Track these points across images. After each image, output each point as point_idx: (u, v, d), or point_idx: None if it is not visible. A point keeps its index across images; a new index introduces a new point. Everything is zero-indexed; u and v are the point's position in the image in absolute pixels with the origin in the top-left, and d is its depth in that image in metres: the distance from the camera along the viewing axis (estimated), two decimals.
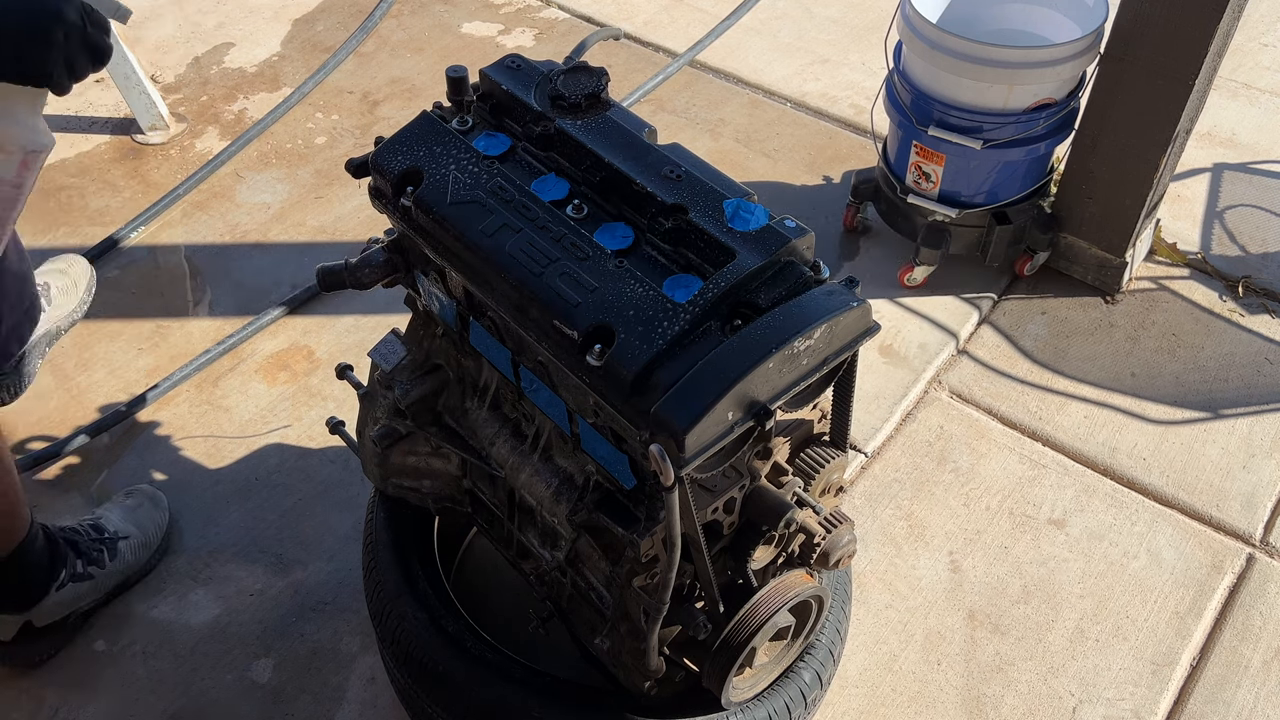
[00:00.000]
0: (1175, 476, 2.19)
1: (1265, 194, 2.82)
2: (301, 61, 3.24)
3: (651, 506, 1.32)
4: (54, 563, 1.86)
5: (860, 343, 1.25)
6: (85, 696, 1.86)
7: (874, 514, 2.13)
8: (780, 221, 1.26)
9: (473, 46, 3.32)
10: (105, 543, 1.95)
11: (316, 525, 2.09)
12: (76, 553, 1.90)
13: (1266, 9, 3.48)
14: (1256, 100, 3.12)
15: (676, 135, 2.94)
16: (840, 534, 1.43)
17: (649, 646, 1.37)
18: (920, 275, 2.52)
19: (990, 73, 2.20)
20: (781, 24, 3.41)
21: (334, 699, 1.85)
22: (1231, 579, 2.03)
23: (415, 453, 1.67)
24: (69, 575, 1.88)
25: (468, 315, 1.46)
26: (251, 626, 1.95)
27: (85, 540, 1.93)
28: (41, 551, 1.84)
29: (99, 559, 1.93)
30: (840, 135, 2.99)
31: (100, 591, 1.94)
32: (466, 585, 1.94)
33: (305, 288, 2.55)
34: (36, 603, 1.85)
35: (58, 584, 1.86)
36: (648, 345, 1.17)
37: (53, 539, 1.88)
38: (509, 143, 1.40)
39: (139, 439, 2.25)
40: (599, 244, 1.27)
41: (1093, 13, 2.31)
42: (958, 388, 2.36)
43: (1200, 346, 2.44)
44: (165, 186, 2.83)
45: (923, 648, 1.93)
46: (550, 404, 1.40)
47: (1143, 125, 2.28)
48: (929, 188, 2.44)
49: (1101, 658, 1.92)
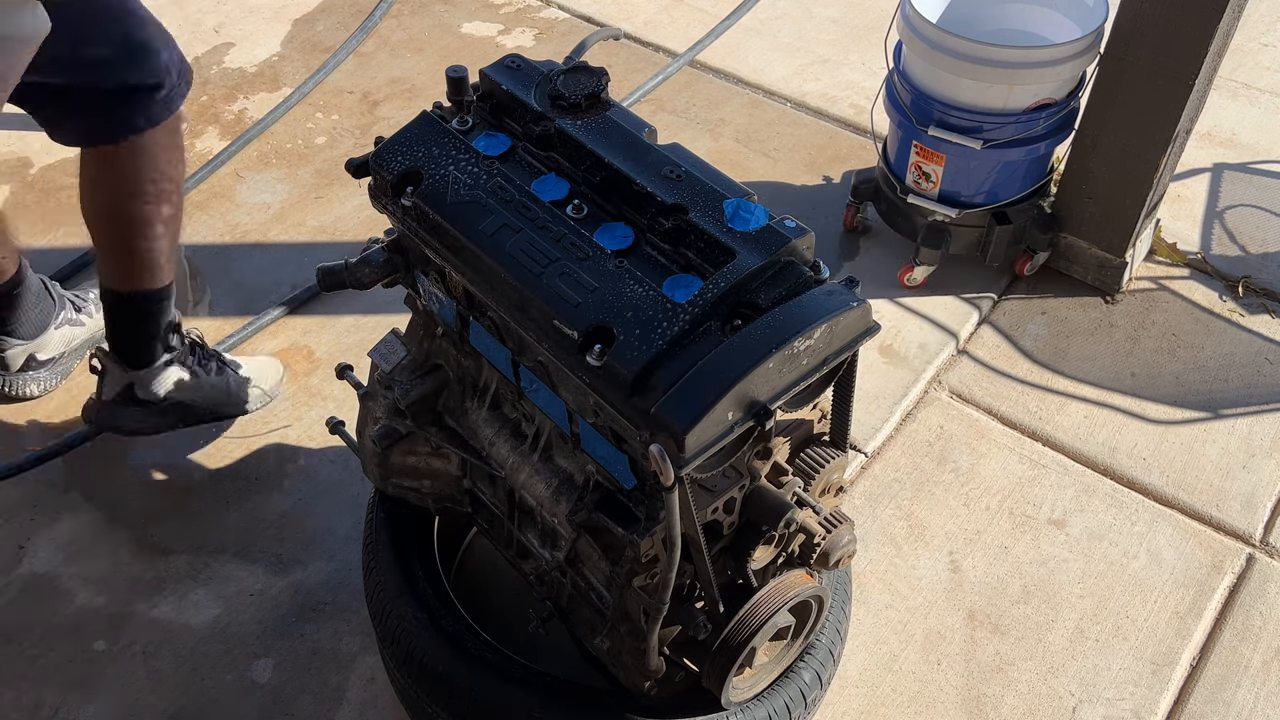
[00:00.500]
0: (1175, 476, 2.19)
1: (1265, 194, 2.82)
2: (301, 61, 3.24)
3: (651, 506, 1.32)
4: (167, 337, 2.02)
5: (860, 343, 1.26)
6: (85, 696, 1.86)
7: (874, 514, 2.13)
8: (780, 221, 1.26)
9: (473, 46, 3.32)
10: (217, 358, 2.15)
11: (316, 525, 2.09)
12: (192, 351, 2.09)
13: (1266, 9, 3.48)
14: (1256, 100, 3.12)
15: (676, 135, 2.94)
16: (840, 534, 1.43)
17: (649, 646, 1.37)
18: (920, 275, 2.53)
19: (990, 73, 2.20)
20: (781, 24, 3.41)
21: (334, 699, 1.85)
22: (1231, 579, 2.03)
23: (415, 453, 1.67)
24: (178, 356, 2.05)
25: (468, 315, 1.46)
26: (251, 626, 1.95)
27: (201, 352, 2.12)
28: (174, 320, 2.03)
29: (207, 367, 2.11)
30: (840, 135, 2.99)
31: (198, 396, 2.09)
32: (466, 585, 1.94)
33: (305, 288, 2.55)
34: (147, 365, 2.01)
35: (166, 360, 2.03)
36: (648, 345, 1.17)
37: (178, 325, 2.05)
38: (509, 143, 1.40)
39: (139, 439, 2.25)
40: (599, 244, 1.27)
41: (1093, 13, 2.31)
42: (958, 388, 2.36)
43: (1200, 346, 2.44)
44: None
45: (923, 648, 1.93)
46: (550, 404, 1.41)
47: (1143, 125, 2.28)
48: (929, 188, 2.44)
49: (1101, 658, 1.92)
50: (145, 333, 1.98)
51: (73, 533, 2.09)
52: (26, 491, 2.16)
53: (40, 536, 2.08)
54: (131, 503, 2.14)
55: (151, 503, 2.14)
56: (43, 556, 2.06)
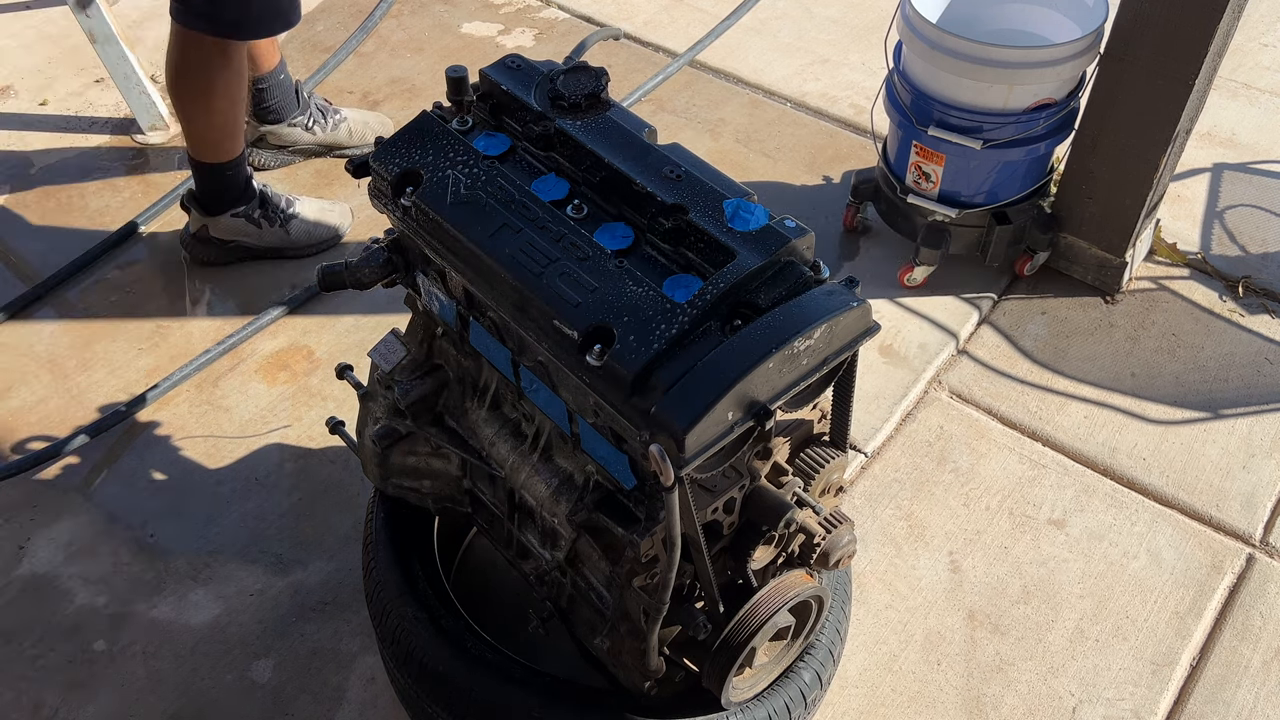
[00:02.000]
0: (1175, 476, 2.19)
1: (1265, 194, 2.82)
2: (301, 61, 3.24)
3: (651, 506, 1.32)
4: (245, 194, 2.52)
5: (860, 343, 1.25)
6: (85, 696, 1.86)
7: (874, 514, 2.13)
8: (780, 221, 1.26)
9: (473, 46, 3.32)
10: (283, 214, 2.59)
11: (316, 525, 2.09)
12: (262, 202, 2.56)
13: (1266, 9, 3.48)
14: (1256, 100, 3.12)
15: (676, 135, 2.94)
16: (840, 534, 1.43)
17: (649, 646, 1.37)
18: (920, 275, 2.53)
19: (990, 73, 2.20)
20: (781, 24, 3.41)
21: (334, 699, 1.85)
22: (1231, 579, 2.03)
23: (415, 453, 1.67)
24: (245, 211, 2.53)
25: (468, 315, 1.46)
26: (251, 626, 1.95)
27: (273, 203, 2.58)
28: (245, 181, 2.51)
29: (273, 219, 2.58)
30: (840, 135, 2.99)
31: (262, 242, 2.58)
32: (466, 585, 1.94)
33: (305, 288, 2.55)
34: (216, 214, 2.51)
35: (234, 211, 2.52)
36: (647, 345, 1.17)
37: (250, 180, 2.53)
38: (509, 143, 1.40)
39: (139, 439, 2.25)
40: (599, 244, 1.27)
41: (1093, 13, 2.31)
42: (958, 388, 2.36)
43: (1200, 346, 2.44)
44: (165, 186, 2.83)
45: (923, 648, 1.93)
46: (550, 404, 1.41)
47: (1143, 125, 2.28)
48: (929, 188, 2.44)
49: (1101, 658, 1.92)
50: (213, 190, 2.49)
51: (73, 533, 2.09)
52: (26, 491, 2.16)
53: (40, 536, 2.09)
54: (131, 503, 2.14)
55: (151, 503, 2.14)
56: (43, 556, 2.06)
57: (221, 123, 2.37)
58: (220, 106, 2.34)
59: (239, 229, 2.55)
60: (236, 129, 2.42)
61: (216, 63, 2.28)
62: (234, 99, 2.36)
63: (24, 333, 2.48)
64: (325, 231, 2.66)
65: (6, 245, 2.69)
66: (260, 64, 2.66)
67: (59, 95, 3.14)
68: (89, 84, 3.17)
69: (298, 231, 2.62)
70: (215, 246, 2.57)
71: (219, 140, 2.40)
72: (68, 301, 2.56)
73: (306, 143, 2.86)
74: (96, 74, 3.15)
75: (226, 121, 2.38)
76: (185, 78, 2.31)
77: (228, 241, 2.56)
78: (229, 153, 2.43)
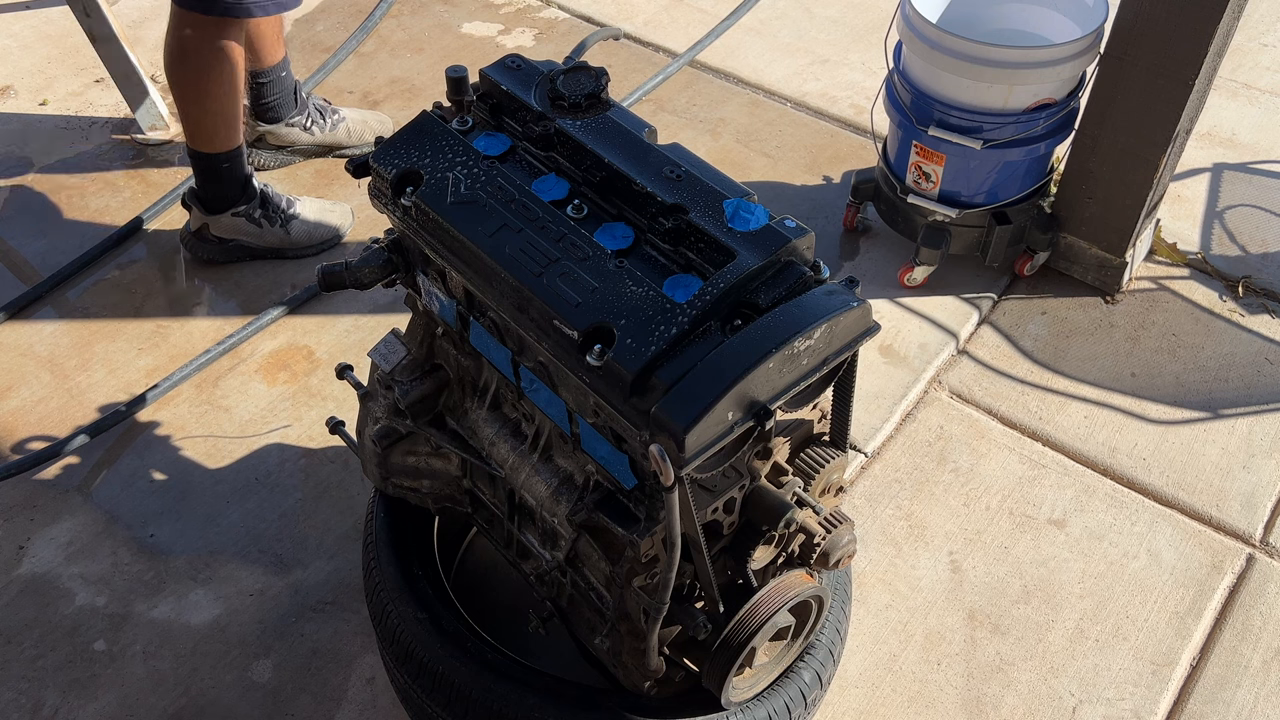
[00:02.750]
0: (1175, 476, 2.19)
1: (1265, 194, 2.82)
2: (301, 61, 3.24)
3: (651, 506, 1.32)
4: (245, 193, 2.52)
5: (860, 343, 1.25)
6: (85, 696, 1.86)
7: (874, 514, 2.13)
8: (780, 221, 1.26)
9: (473, 46, 3.32)
10: (284, 214, 2.59)
11: (316, 525, 2.09)
12: (263, 202, 2.56)
13: (1266, 9, 3.48)
14: (1256, 100, 3.12)
15: (676, 135, 2.94)
16: (840, 534, 1.43)
17: (649, 646, 1.37)
18: (920, 275, 2.53)
19: (990, 73, 2.20)
20: (781, 24, 3.41)
21: (334, 699, 1.85)
22: (1231, 579, 2.03)
23: (415, 453, 1.67)
24: (246, 211, 2.54)
25: (468, 315, 1.46)
26: (251, 626, 1.95)
27: (274, 203, 2.58)
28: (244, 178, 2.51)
29: (273, 219, 2.58)
30: (840, 135, 2.99)
31: (262, 242, 2.59)
32: (466, 585, 1.94)
33: (305, 288, 2.55)
34: (217, 213, 2.52)
35: (234, 210, 2.52)
36: (647, 345, 1.17)
37: (251, 179, 2.53)
38: (509, 143, 1.40)
39: (139, 439, 2.25)
40: (599, 244, 1.27)
41: (1093, 13, 2.31)
42: (958, 388, 2.36)
43: (1200, 346, 2.44)
44: (165, 186, 2.83)
45: (923, 648, 1.93)
46: (550, 404, 1.41)
47: (1143, 125, 2.28)
48: (929, 188, 2.44)
49: (1101, 658, 1.92)
50: (212, 184, 2.49)
51: (73, 533, 2.09)
52: (26, 491, 2.16)
53: (40, 536, 2.09)
54: (131, 503, 2.14)
55: (151, 503, 2.14)
56: (43, 556, 2.06)
57: (218, 109, 2.36)
58: (217, 93, 2.34)
59: (239, 228, 2.55)
60: (234, 118, 2.41)
61: (214, 45, 2.27)
62: (231, 85, 2.35)
63: (24, 333, 2.48)
64: (326, 232, 2.66)
65: (6, 245, 2.69)
66: (263, 57, 2.65)
67: (59, 95, 3.14)
68: (89, 84, 3.17)
69: (298, 232, 2.62)
70: (215, 245, 2.58)
71: (216, 128, 2.39)
72: (68, 301, 2.56)
73: (305, 143, 2.86)
74: (96, 74, 3.15)
75: (223, 109, 2.37)
76: (182, 61, 2.31)
77: (227, 240, 2.57)
78: (226, 143, 2.42)
